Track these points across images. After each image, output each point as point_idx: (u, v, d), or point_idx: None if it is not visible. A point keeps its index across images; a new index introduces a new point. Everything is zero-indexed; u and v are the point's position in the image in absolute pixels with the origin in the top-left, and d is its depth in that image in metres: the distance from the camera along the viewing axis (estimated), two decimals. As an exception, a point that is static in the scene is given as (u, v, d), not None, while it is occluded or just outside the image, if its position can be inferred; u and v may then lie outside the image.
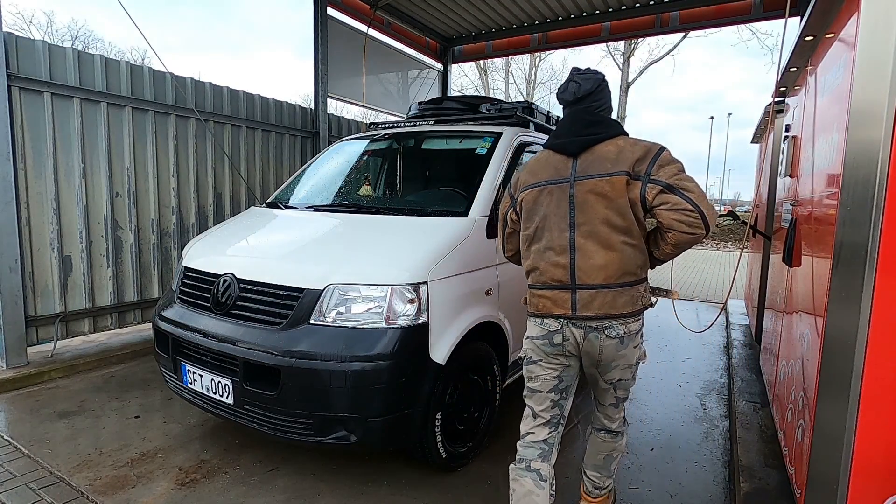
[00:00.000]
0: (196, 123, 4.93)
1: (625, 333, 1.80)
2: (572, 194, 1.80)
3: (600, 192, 1.76)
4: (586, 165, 1.81)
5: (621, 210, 1.75)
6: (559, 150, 1.89)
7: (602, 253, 1.77)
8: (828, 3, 2.05)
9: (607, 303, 1.77)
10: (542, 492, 1.85)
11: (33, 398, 3.50)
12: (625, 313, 1.79)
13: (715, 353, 5.03)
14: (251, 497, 2.43)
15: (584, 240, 1.78)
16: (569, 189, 1.81)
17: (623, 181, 1.74)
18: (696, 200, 1.70)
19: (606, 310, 1.77)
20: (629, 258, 1.78)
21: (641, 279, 1.84)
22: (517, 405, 3.51)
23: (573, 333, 1.82)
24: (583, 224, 1.78)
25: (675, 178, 1.73)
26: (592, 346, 1.82)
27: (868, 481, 1.65)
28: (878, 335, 1.60)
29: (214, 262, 2.74)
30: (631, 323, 1.81)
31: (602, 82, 1.92)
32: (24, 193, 3.80)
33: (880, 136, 1.54)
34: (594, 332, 1.80)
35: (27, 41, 3.80)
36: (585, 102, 1.89)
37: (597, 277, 1.77)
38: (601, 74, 1.94)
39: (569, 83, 1.93)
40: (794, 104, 3.25)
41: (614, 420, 2.08)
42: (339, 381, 2.18)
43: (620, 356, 1.84)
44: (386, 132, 3.90)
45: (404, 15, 7.17)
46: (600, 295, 1.77)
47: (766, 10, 6.01)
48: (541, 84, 28.23)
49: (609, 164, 1.77)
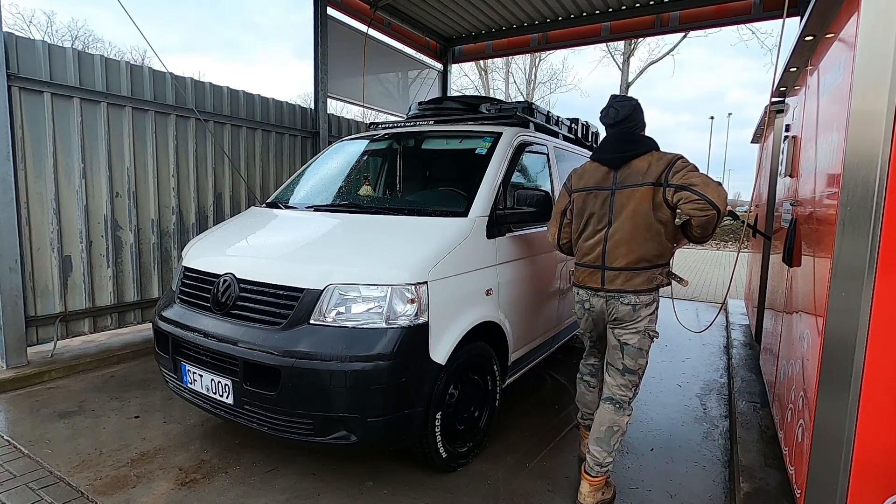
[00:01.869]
0: (196, 123, 4.92)
1: (636, 303, 2.32)
2: (612, 199, 2.35)
3: (633, 199, 2.29)
4: (624, 177, 2.33)
5: (646, 213, 2.27)
6: (604, 163, 2.42)
7: (625, 245, 2.30)
8: (828, 3, 2.05)
9: (627, 281, 2.32)
10: (591, 393, 2.74)
11: (33, 398, 3.50)
12: (639, 290, 2.31)
13: (715, 353, 5.03)
14: (251, 497, 2.43)
15: (615, 234, 2.33)
16: (610, 195, 2.36)
17: (650, 191, 2.26)
18: (701, 190, 2.15)
19: (625, 286, 2.32)
20: (647, 249, 2.29)
21: (657, 265, 2.33)
22: (517, 405, 3.54)
23: (598, 302, 2.43)
24: (616, 222, 2.33)
25: (684, 178, 2.20)
26: (611, 308, 2.38)
27: (868, 481, 1.65)
28: (878, 335, 1.60)
29: (214, 262, 2.74)
30: (642, 296, 2.32)
31: (635, 108, 2.41)
32: (24, 193, 3.80)
33: (880, 136, 1.54)
34: (613, 300, 2.36)
35: (27, 41, 3.80)
36: (623, 125, 2.39)
37: (619, 262, 2.32)
38: (635, 101, 2.44)
39: (609, 108, 2.42)
40: (794, 104, 3.25)
41: (619, 391, 2.43)
42: (339, 381, 2.18)
43: (630, 320, 2.35)
44: (386, 132, 3.90)
45: (404, 15, 7.17)
46: (622, 275, 2.32)
47: (765, 10, 6.00)
48: (541, 84, 28.21)
49: (641, 177, 2.29)
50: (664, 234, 2.30)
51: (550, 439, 3.09)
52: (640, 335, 2.35)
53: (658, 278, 2.34)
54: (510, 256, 3.01)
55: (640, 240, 2.28)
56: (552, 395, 3.82)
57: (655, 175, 2.25)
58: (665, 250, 2.34)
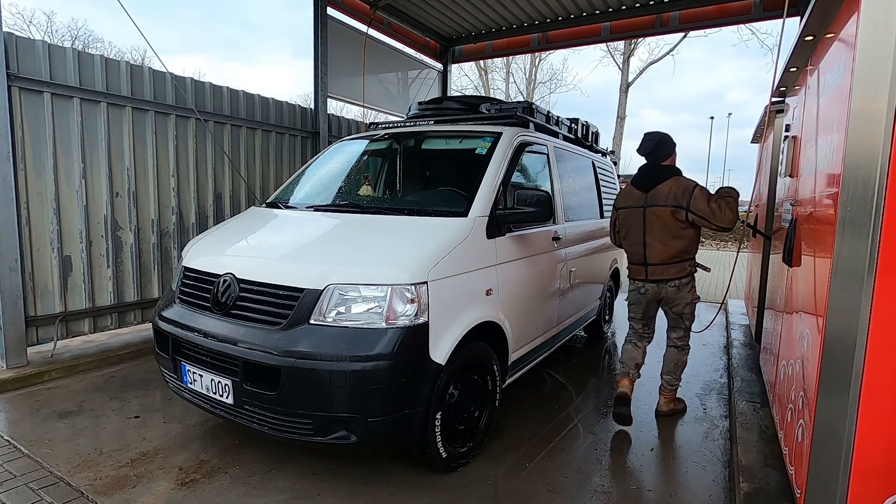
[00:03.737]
0: (196, 123, 4.93)
1: (678, 285, 3.20)
2: (644, 215, 3.18)
3: (658, 215, 3.13)
4: (652, 198, 3.16)
5: (670, 224, 3.11)
6: (637, 187, 3.25)
7: (659, 247, 3.17)
8: (828, 3, 2.05)
9: (664, 272, 3.19)
10: (637, 351, 3.46)
11: (33, 398, 3.51)
12: (675, 277, 3.18)
13: (715, 353, 5.03)
14: (251, 497, 2.43)
15: (651, 240, 3.19)
16: (642, 211, 3.19)
17: (671, 210, 3.09)
18: (706, 216, 3.01)
19: (664, 275, 3.19)
20: (675, 249, 3.14)
21: (685, 259, 3.19)
22: (517, 405, 3.54)
23: (651, 288, 3.27)
24: (649, 231, 3.18)
25: (698, 205, 3.02)
26: (662, 292, 3.25)
27: (868, 481, 1.65)
28: (878, 335, 1.60)
29: (214, 262, 2.74)
30: (680, 280, 3.20)
31: (659, 141, 3.22)
32: (24, 193, 3.80)
33: (880, 136, 1.54)
34: (662, 286, 3.23)
35: (27, 41, 3.80)
36: (652, 156, 3.24)
37: (656, 259, 3.19)
38: (660, 135, 3.24)
39: (641, 143, 3.26)
40: (794, 104, 3.25)
41: (679, 341, 3.41)
42: (339, 381, 2.18)
43: (679, 297, 3.24)
44: (386, 132, 3.90)
45: (404, 15, 7.17)
46: (660, 268, 3.20)
47: (765, 10, 6.01)
48: (541, 84, 28.17)
49: (663, 199, 3.11)
50: (687, 237, 3.14)
51: (550, 439, 3.09)
52: (689, 305, 3.28)
53: (687, 268, 3.21)
54: (510, 256, 3.01)
55: (669, 243, 3.13)
56: (552, 394, 3.82)
57: (676, 199, 3.06)
58: (689, 248, 3.18)
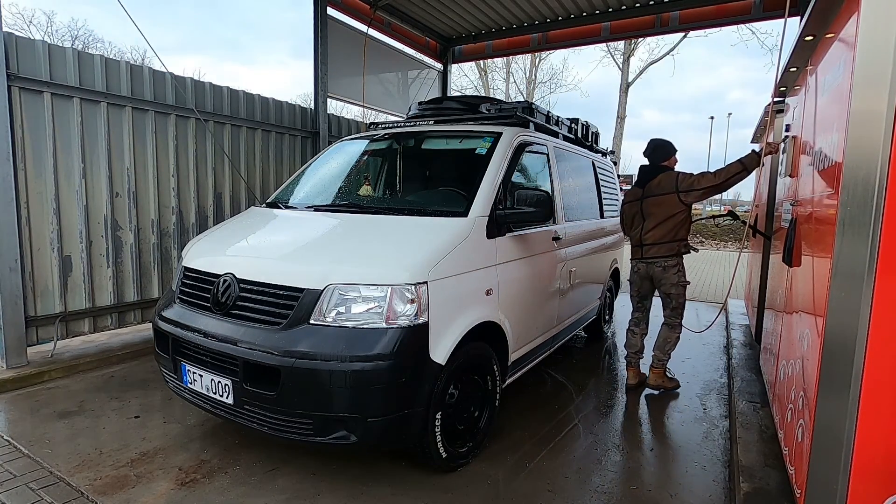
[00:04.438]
0: (196, 123, 4.93)
1: (665, 265, 3.72)
2: (642, 206, 3.79)
3: (653, 203, 3.72)
4: (648, 191, 3.76)
5: (663, 209, 3.67)
6: (638, 185, 3.87)
7: (652, 230, 3.72)
8: (828, 3, 2.05)
9: (656, 251, 3.72)
10: (636, 338, 4.01)
11: (33, 398, 3.50)
12: (665, 256, 3.71)
13: (715, 353, 5.03)
14: (251, 497, 2.43)
15: (647, 224, 3.76)
16: (640, 203, 3.81)
17: (663, 197, 3.67)
18: (692, 186, 3.59)
19: (656, 255, 3.73)
20: (667, 231, 3.68)
21: (676, 240, 3.70)
22: (517, 405, 3.54)
23: (642, 267, 3.84)
24: (646, 218, 3.76)
25: (683, 184, 3.62)
26: (651, 271, 3.80)
27: (868, 481, 1.65)
28: (878, 335, 1.60)
29: (214, 262, 2.74)
30: (668, 260, 3.71)
31: (657, 146, 3.85)
32: (24, 193, 3.80)
33: (880, 136, 1.54)
34: (650, 265, 3.78)
35: (27, 41, 3.80)
36: (651, 158, 3.86)
37: (651, 240, 3.73)
38: (659, 141, 3.86)
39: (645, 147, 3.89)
40: (794, 104, 3.25)
41: (670, 318, 3.86)
42: (339, 381, 2.18)
43: (666, 277, 3.74)
44: (386, 132, 3.90)
45: (404, 15, 7.17)
46: (654, 248, 3.73)
47: (766, 10, 6.01)
48: (541, 84, 28.17)
49: (656, 189, 3.72)
50: (676, 221, 3.66)
51: (551, 439, 3.09)
52: (676, 287, 3.74)
53: (676, 248, 3.70)
54: (510, 256, 3.01)
55: (660, 226, 3.68)
56: (552, 394, 3.82)
57: (666, 188, 3.66)
58: (678, 230, 3.68)
